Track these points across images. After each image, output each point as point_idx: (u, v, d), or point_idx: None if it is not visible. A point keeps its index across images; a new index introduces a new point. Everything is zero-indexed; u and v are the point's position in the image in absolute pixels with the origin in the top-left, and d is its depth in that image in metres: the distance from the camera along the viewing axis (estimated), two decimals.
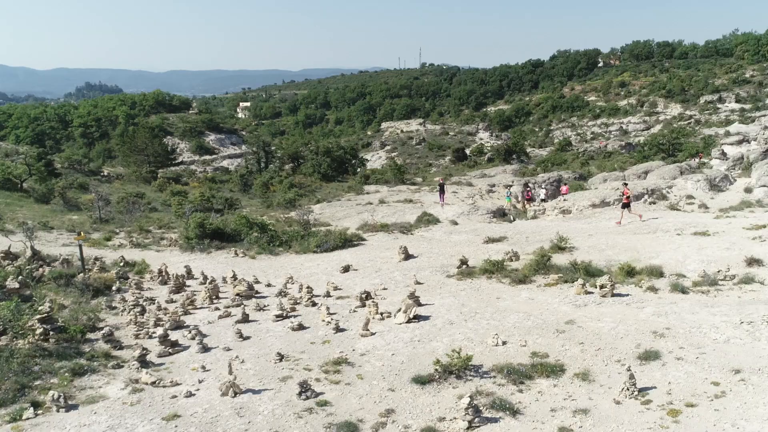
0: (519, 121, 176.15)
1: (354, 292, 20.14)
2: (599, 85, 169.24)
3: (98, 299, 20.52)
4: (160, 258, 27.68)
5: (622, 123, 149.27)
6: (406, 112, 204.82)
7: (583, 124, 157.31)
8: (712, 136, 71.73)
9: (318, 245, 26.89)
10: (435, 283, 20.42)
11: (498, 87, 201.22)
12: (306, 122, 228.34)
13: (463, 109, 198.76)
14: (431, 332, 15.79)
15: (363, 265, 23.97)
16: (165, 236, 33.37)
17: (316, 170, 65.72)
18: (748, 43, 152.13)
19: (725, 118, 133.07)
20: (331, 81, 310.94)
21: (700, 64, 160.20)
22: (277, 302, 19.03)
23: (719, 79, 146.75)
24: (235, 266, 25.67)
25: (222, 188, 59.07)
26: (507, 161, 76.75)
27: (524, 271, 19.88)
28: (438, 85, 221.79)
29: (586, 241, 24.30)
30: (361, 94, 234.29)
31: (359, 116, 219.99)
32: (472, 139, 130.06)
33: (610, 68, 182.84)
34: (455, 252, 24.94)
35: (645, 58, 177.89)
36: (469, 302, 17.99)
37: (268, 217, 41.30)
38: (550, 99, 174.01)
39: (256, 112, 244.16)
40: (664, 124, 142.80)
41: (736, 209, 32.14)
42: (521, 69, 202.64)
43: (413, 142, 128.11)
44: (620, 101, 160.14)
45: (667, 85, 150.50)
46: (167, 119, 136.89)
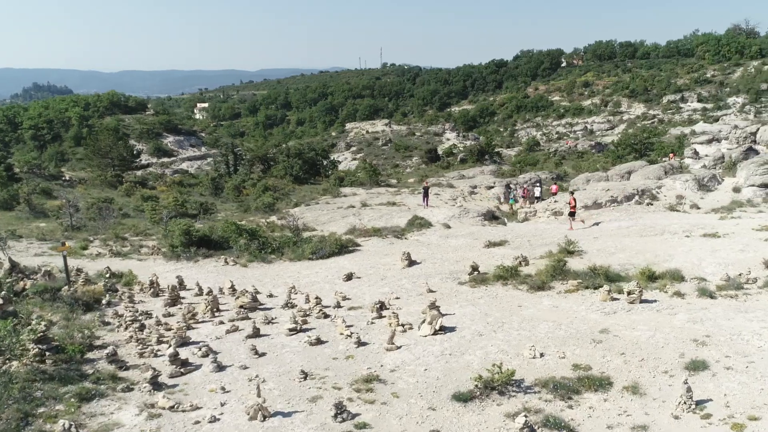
0: (484, 121, 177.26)
1: (365, 302, 19.41)
2: (563, 85, 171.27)
3: (89, 314, 19.36)
4: (143, 267, 26.50)
5: (586, 123, 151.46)
6: (369, 112, 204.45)
7: (547, 123, 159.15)
8: (685, 135, 72.80)
9: (313, 252, 26.04)
10: (448, 291, 19.81)
11: (462, 87, 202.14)
12: (266, 123, 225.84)
13: (427, 110, 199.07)
14: (461, 345, 15.16)
15: (365, 272, 23.23)
16: (143, 244, 32.13)
17: (288, 173, 64.64)
18: (709, 44, 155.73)
19: (688, 117, 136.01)
20: (290, 81, 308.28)
21: (662, 64, 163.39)
22: (288, 315, 18.22)
23: (681, 79, 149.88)
24: (227, 275, 24.66)
25: (192, 192, 57.62)
26: (480, 161, 76.81)
27: (541, 277, 19.41)
28: (401, 85, 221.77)
29: (592, 245, 23.99)
30: (322, 94, 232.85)
31: (321, 117, 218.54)
32: (439, 139, 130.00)
33: (574, 68, 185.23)
34: (459, 257, 24.40)
35: (608, 58, 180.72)
36: (491, 311, 17.42)
37: (247, 222, 40.32)
38: (515, 99, 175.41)
39: (215, 113, 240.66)
40: (628, 123, 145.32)
41: (728, 209, 32.43)
42: (485, 69, 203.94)
43: (379, 143, 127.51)
44: (584, 101, 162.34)
45: (630, 85, 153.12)
46: (123, 121, 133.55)
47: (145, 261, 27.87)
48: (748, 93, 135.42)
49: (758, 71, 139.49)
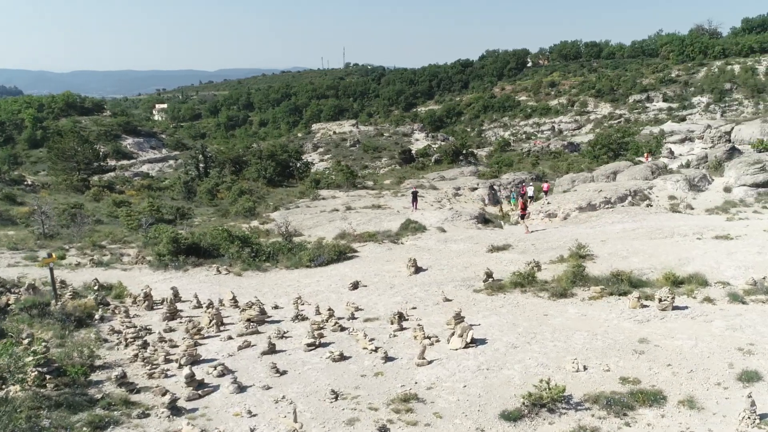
0: (451, 122, 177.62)
1: (379, 312, 18.64)
2: (530, 85, 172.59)
3: (83, 331, 18.20)
4: (129, 278, 25.28)
5: (554, 122, 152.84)
6: (334, 113, 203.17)
7: (515, 123, 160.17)
8: (662, 134, 73.61)
9: (311, 259, 25.14)
10: (465, 300, 19.15)
11: (428, 87, 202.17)
12: (228, 124, 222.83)
13: (392, 110, 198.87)
14: (497, 358, 14.50)
15: (371, 280, 22.44)
16: (123, 252, 30.79)
17: (261, 175, 63.34)
18: (673, 44, 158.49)
19: (654, 117, 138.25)
20: (252, 81, 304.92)
21: (628, 64, 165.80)
22: (300, 328, 17.39)
23: (647, 78, 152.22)
24: (222, 285, 23.67)
25: (162, 196, 55.99)
26: (455, 162, 76.53)
27: (562, 284, 18.89)
28: (366, 85, 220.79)
29: (602, 248, 23.60)
30: (285, 94, 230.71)
31: (285, 117, 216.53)
32: (408, 140, 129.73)
33: (540, 68, 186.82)
34: (465, 263, 23.79)
35: (573, 58, 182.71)
36: (518, 321, 16.82)
37: (228, 227, 39.12)
38: (481, 99, 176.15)
39: (174, 114, 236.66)
40: (595, 123, 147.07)
41: (723, 209, 32.54)
42: (450, 69, 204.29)
43: (347, 144, 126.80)
44: (551, 101, 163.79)
45: (596, 85, 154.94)
46: (79, 122, 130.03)
47: (130, 271, 26.62)
48: (713, 93, 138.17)
49: (722, 71, 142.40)
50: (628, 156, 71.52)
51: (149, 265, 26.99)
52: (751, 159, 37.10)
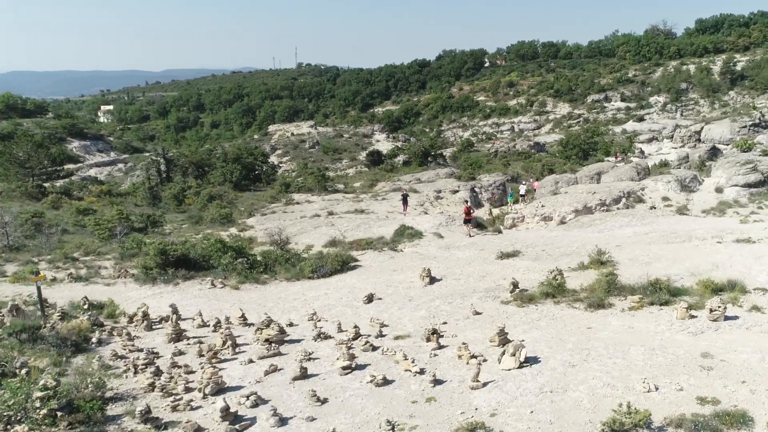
0: (409, 122, 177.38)
1: (407, 328, 17.56)
2: (488, 85, 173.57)
3: (81, 357, 16.66)
4: (114, 294, 23.63)
5: (513, 122, 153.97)
6: (288, 113, 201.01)
7: (474, 124, 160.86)
8: (634, 135, 74.31)
9: (314, 270, 23.88)
10: (496, 313, 18.23)
11: (384, 87, 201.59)
12: (178, 126, 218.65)
13: (349, 110, 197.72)
14: (557, 379, 13.59)
15: (384, 292, 21.33)
16: (99, 264, 28.96)
17: (227, 179, 61.51)
18: (629, 44, 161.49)
19: (612, 116, 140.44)
20: (201, 82, 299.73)
21: (585, 65, 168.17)
22: (325, 348, 16.21)
23: (604, 78, 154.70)
24: (220, 300, 22.27)
25: (125, 202, 53.72)
26: (424, 164, 75.86)
27: (598, 294, 18.12)
28: (321, 85, 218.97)
29: (620, 254, 23.00)
30: (238, 95, 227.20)
31: (237, 119, 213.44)
32: (368, 141, 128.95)
33: (497, 68, 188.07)
34: (481, 271, 22.91)
35: (531, 58, 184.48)
36: (562, 335, 15.96)
37: (204, 235, 37.50)
38: (440, 99, 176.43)
39: (121, 116, 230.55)
40: (554, 123, 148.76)
41: (719, 209, 32.49)
42: (407, 69, 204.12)
43: (306, 146, 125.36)
44: (510, 101, 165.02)
45: (554, 85, 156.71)
46: (21, 125, 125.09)
47: (114, 285, 24.91)
48: (669, 92, 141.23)
49: (677, 71, 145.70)
50: (598, 156, 72.15)
51: (134, 279, 25.31)
52: (742, 159, 37.30)
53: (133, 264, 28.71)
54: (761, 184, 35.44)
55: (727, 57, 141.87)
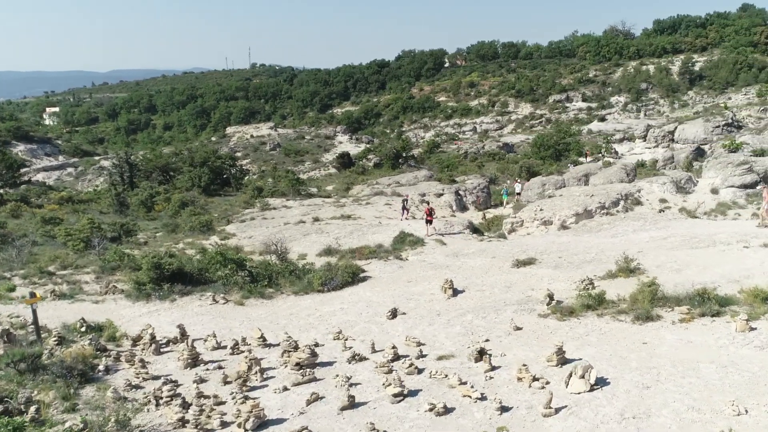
0: (369, 123, 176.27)
1: (448, 347, 16.48)
2: (449, 85, 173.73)
3: (91, 388, 15.14)
4: (105, 312, 21.99)
5: (475, 123, 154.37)
6: (244, 115, 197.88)
7: (435, 124, 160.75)
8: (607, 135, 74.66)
9: (323, 283, 22.60)
10: (536, 327, 17.29)
11: (343, 88, 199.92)
12: (129, 128, 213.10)
13: (307, 111, 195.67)
14: (634, 402, 12.68)
15: (406, 306, 20.20)
16: (79, 279, 27.11)
17: (195, 184, 59.45)
18: (589, 45, 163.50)
19: (574, 116, 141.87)
20: (151, 83, 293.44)
21: (546, 65, 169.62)
22: (363, 371, 15.02)
23: (565, 79, 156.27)
24: (226, 318, 20.85)
25: (89, 210, 51.35)
26: (396, 166, 74.97)
27: (643, 305, 17.33)
28: (277, 86, 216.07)
29: (644, 260, 22.29)
30: (191, 96, 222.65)
31: (191, 120, 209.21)
32: (331, 143, 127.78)
33: (458, 68, 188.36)
34: (503, 281, 21.97)
35: (491, 58, 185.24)
36: (619, 352, 15.10)
37: (185, 245, 35.82)
38: (400, 100, 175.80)
39: (68, 118, 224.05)
40: (516, 123, 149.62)
41: (720, 211, 32.31)
42: (366, 69, 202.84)
43: (267, 148, 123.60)
44: (471, 101, 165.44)
45: (516, 85, 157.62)
46: None
47: (104, 303, 23.20)
48: (630, 92, 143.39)
49: (637, 71, 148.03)
50: (571, 156, 72.35)
51: (125, 296, 23.64)
52: (736, 160, 37.32)
53: (118, 278, 27.05)
54: (757, 185, 35.47)
55: (685, 57, 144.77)
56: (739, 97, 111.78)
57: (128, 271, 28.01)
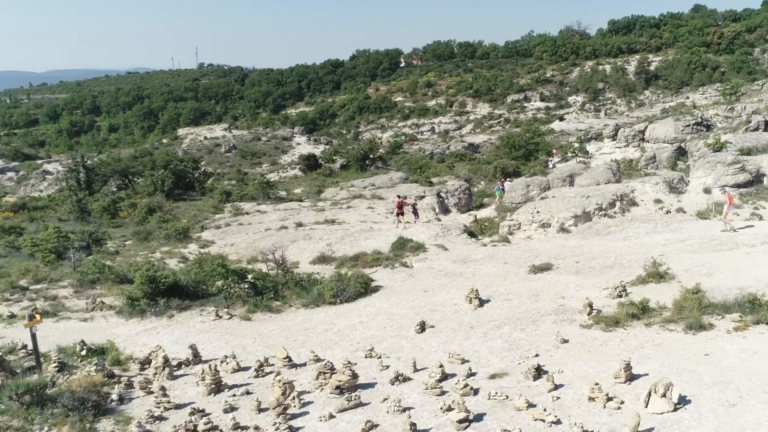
0: (324, 124, 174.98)
1: (496, 364, 15.45)
2: (405, 85, 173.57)
3: (108, 421, 13.67)
4: (95, 331, 20.40)
5: (433, 123, 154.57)
6: (194, 116, 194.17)
7: (393, 125, 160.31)
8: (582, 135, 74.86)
9: (335, 294, 21.36)
10: (583, 339, 16.41)
11: (297, 88, 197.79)
12: (72, 130, 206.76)
13: (260, 112, 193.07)
14: (727, 423, 11.84)
15: (431, 317, 19.10)
16: (56, 294, 25.25)
17: (158, 188, 57.32)
18: (546, 45, 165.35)
19: (533, 116, 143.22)
20: (93, 83, 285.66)
21: (503, 65, 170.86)
22: (408, 392, 13.91)
23: (523, 78, 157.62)
24: (235, 335, 19.45)
25: (46, 217, 48.84)
26: (363, 168, 74.00)
27: (693, 313, 16.63)
28: (228, 86, 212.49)
29: (669, 264, 21.66)
30: (137, 97, 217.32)
31: (138, 122, 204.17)
32: (288, 144, 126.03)
33: (414, 68, 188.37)
34: (528, 290, 21.09)
35: (447, 58, 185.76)
36: (687, 366, 14.29)
37: (163, 254, 34.09)
38: (356, 100, 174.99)
39: (5, 120, 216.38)
40: (475, 123, 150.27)
41: (719, 211, 32.11)
42: (320, 69, 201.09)
43: (222, 150, 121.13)
44: (428, 101, 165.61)
45: (473, 85, 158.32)
46: None
47: (92, 321, 21.48)
48: (587, 92, 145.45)
49: (594, 71, 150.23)
50: (541, 156, 72.48)
51: (116, 312, 21.96)
52: (730, 159, 37.37)
53: (99, 292, 25.30)
54: (750, 184, 35.59)
55: (640, 57, 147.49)
56: (696, 96, 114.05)
57: (109, 284, 26.39)
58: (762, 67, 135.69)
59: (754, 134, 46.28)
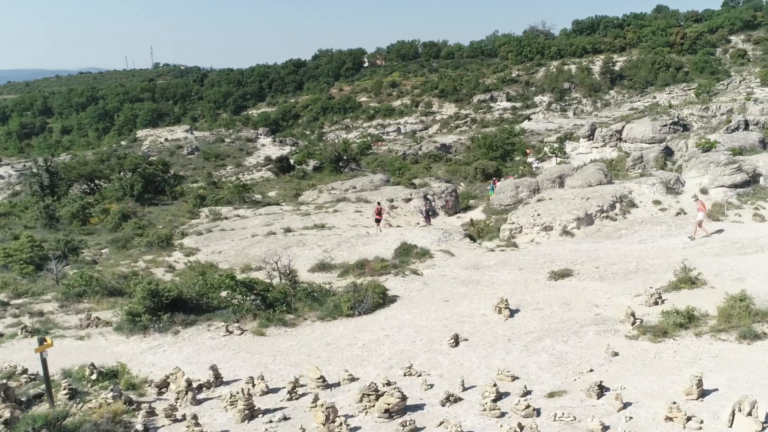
0: (287, 124, 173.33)
1: (546, 380, 14.63)
2: (369, 85, 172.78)
3: None
4: (94, 350, 19.06)
5: (399, 123, 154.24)
6: (152, 117, 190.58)
7: (357, 125, 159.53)
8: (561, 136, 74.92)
9: (352, 306, 20.32)
10: (633, 352, 15.69)
11: (258, 88, 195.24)
12: (22, 132, 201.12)
13: (220, 113, 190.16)
14: None
15: (461, 330, 18.15)
16: (40, 309, 23.69)
17: (127, 193, 55.38)
18: (511, 44, 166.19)
19: (499, 116, 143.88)
20: (44, 84, 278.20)
21: (468, 65, 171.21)
22: (464, 414, 13.01)
23: (488, 78, 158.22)
24: (251, 352, 18.26)
25: (10, 224, 46.68)
26: (337, 170, 72.87)
27: (743, 321, 16.07)
28: (187, 86, 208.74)
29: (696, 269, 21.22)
30: (92, 98, 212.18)
31: (93, 123, 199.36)
32: (253, 145, 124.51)
33: (378, 68, 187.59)
34: (557, 297, 20.34)
35: (412, 58, 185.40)
36: (755, 379, 13.68)
37: (147, 263, 32.60)
38: (319, 100, 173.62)
39: None
40: (441, 123, 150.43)
41: (720, 212, 32.01)
42: (282, 69, 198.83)
43: (184, 152, 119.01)
44: (393, 101, 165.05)
45: (439, 85, 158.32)
46: None
47: (91, 340, 20.03)
48: (553, 92, 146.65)
49: (559, 71, 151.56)
50: (517, 156, 72.46)
51: (114, 329, 20.54)
52: (726, 159, 37.32)
53: (89, 306, 23.84)
54: (747, 184, 35.58)
55: (605, 57, 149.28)
56: (664, 96, 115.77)
57: (98, 297, 24.93)
58: (724, 67, 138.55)
59: (741, 134, 46.59)
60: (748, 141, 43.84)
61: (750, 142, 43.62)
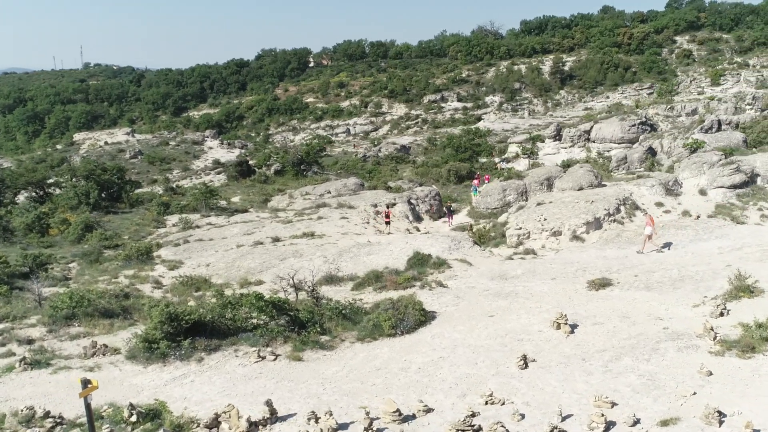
0: (231, 126, 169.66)
1: (648, 407, 13.57)
2: (316, 85, 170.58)
3: None
4: (112, 383, 17.26)
5: (348, 124, 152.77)
6: (86, 120, 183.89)
7: (305, 126, 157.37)
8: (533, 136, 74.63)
9: (394, 326, 18.90)
10: (725, 370, 14.80)
11: (199, 89, 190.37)
12: None
13: (159, 115, 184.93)
14: None
15: (522, 349, 16.97)
16: (27, 335, 21.53)
17: (82, 201, 52.40)
18: (460, 44, 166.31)
19: (450, 116, 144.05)
20: None
21: (417, 65, 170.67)
22: None
23: (438, 78, 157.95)
24: (295, 381, 16.72)
25: None
26: (299, 173, 71.12)
27: None
28: (122, 87, 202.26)
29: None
30: (19, 99, 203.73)
31: (21, 127, 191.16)
32: (200, 148, 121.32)
33: (325, 68, 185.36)
34: (611, 311, 19.38)
35: (359, 58, 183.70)
36: None
37: (131, 279, 30.42)
38: (264, 101, 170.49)
39: None
40: (392, 124, 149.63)
41: (725, 213, 31.90)
42: (224, 69, 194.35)
43: (126, 156, 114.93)
44: (342, 102, 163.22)
45: (388, 85, 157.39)
46: None
47: (102, 371, 18.05)
48: (504, 92, 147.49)
49: (509, 71, 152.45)
50: (483, 157, 72.08)
51: (127, 358, 18.62)
52: (724, 160, 37.28)
53: (85, 330, 21.83)
54: (745, 185, 35.59)
55: (555, 57, 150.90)
56: (616, 96, 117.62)
57: (93, 320, 22.87)
58: (671, 67, 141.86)
59: (725, 134, 46.92)
60: (732, 141, 44.14)
61: (734, 142, 43.91)
